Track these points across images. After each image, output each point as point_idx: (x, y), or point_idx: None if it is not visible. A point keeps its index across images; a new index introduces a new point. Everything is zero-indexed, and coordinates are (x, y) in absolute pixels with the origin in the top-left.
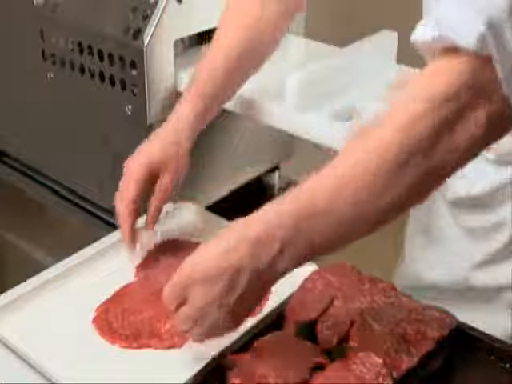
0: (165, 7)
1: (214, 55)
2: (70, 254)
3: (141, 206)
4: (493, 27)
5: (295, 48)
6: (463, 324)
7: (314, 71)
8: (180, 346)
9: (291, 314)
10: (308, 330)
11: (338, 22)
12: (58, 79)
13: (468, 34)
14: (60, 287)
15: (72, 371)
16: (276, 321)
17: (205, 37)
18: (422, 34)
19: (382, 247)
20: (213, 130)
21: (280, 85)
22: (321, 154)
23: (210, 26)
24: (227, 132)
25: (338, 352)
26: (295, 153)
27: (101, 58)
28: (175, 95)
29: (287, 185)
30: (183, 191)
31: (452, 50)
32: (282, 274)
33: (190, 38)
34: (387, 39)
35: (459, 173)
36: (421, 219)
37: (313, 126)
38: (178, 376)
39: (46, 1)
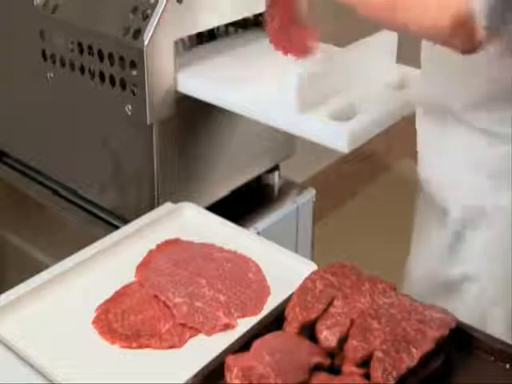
0: (165, 7)
1: None
2: (70, 254)
3: None
4: None
5: None
6: (463, 324)
7: (313, 71)
8: (180, 346)
9: (291, 313)
10: (308, 330)
11: (338, 21)
12: (58, 79)
13: None
14: (60, 287)
15: (72, 371)
16: (276, 321)
17: (205, 37)
18: None
19: (382, 247)
20: (213, 130)
21: (280, 85)
22: (321, 154)
23: (210, 26)
24: (227, 132)
25: None
26: (295, 153)
27: (101, 58)
28: (175, 95)
29: (287, 185)
30: (183, 191)
31: None
32: None
33: (190, 37)
34: (387, 39)
35: None
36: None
37: (312, 126)
38: (178, 376)
39: (46, 1)
